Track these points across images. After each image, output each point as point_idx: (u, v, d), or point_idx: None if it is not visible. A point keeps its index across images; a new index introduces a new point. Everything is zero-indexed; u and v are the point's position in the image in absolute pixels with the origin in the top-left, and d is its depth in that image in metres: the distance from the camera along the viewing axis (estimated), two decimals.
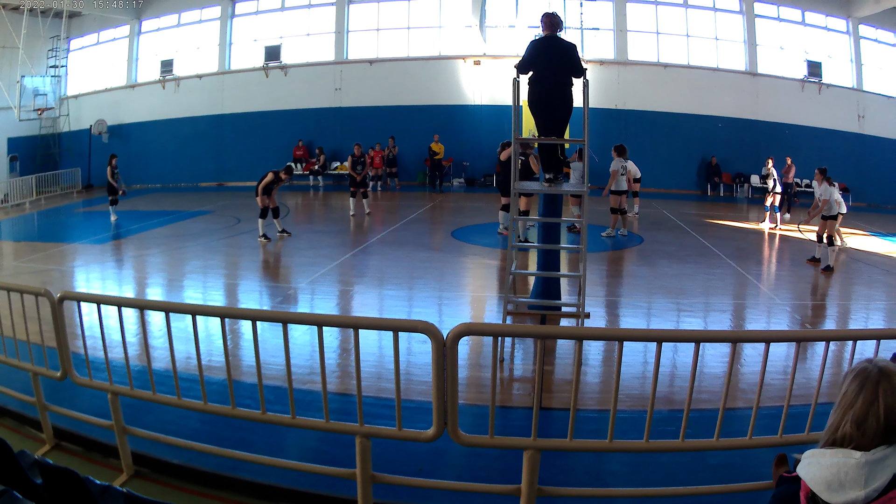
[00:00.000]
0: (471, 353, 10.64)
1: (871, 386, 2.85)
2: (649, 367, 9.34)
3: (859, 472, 2.76)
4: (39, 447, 7.14)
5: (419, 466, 6.88)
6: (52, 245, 20.35)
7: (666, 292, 15.08)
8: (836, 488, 2.78)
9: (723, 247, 20.17)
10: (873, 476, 2.75)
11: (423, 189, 33.84)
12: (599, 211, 22.94)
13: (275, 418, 5.86)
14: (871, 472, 2.75)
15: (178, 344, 6.22)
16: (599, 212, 22.91)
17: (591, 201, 20.45)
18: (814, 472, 2.86)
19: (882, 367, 2.91)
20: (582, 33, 33.43)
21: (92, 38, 38.94)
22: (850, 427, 2.84)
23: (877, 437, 2.81)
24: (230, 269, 17.93)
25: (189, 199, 30.94)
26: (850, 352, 5.46)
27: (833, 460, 2.83)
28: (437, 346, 5.00)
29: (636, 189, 25.44)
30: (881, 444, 2.80)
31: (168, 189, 35.34)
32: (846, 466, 2.78)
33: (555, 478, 6.45)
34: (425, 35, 35.96)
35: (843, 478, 2.77)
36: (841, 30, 34.51)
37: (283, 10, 36.71)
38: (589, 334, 8.78)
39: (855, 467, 2.76)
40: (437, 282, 15.95)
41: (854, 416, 2.84)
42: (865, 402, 2.84)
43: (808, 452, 2.98)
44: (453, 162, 35.19)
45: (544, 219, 12.33)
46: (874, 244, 22.10)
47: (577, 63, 10.59)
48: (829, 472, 2.81)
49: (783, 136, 33.54)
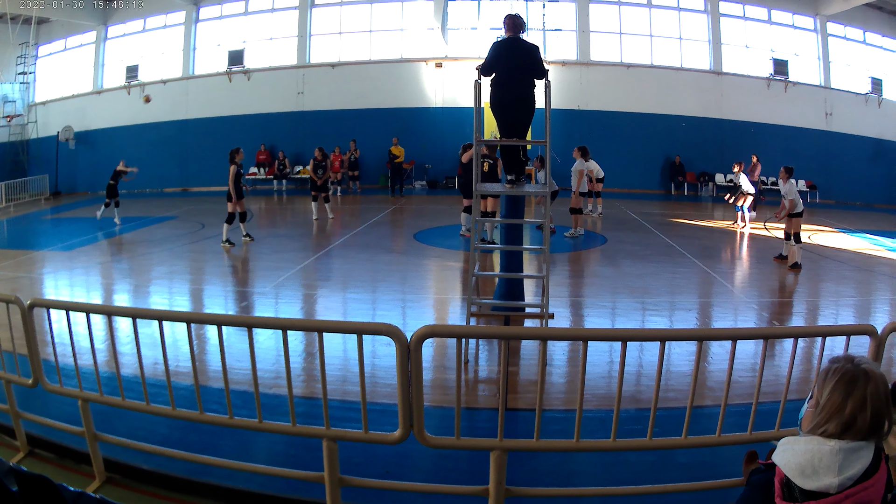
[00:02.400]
0: (435, 355, 10.64)
1: (860, 391, 2.87)
2: (615, 367, 9.37)
3: (833, 458, 2.79)
4: (14, 454, 7.10)
5: (386, 469, 6.88)
6: (22, 252, 20.12)
7: (630, 292, 15.16)
8: (809, 474, 2.81)
9: (687, 246, 20.29)
10: (848, 464, 2.79)
11: (385, 192, 33.77)
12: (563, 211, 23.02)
13: (242, 423, 5.86)
14: (845, 460, 2.79)
15: (146, 350, 6.21)
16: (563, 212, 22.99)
17: (558, 202, 20.61)
18: (788, 458, 2.89)
19: (867, 369, 2.93)
20: (544, 34, 33.55)
21: (59, 45, 38.66)
22: (835, 429, 2.87)
23: (859, 436, 2.85)
24: (195, 274, 17.84)
25: (154, 204, 30.78)
26: (819, 348, 5.52)
27: (808, 447, 2.87)
28: (401, 348, 5.02)
29: (598, 189, 25.61)
30: (862, 441, 2.84)
31: (134, 195, 35.04)
32: (820, 453, 2.82)
33: (523, 478, 6.50)
34: (387, 38, 35.98)
35: (817, 464, 2.80)
36: (808, 28, 34.91)
37: (246, 15, 36.56)
38: (553, 334, 8.86)
39: (829, 454, 2.80)
40: (400, 284, 15.94)
41: (842, 420, 2.86)
42: (854, 407, 2.85)
43: (784, 440, 3.01)
44: (415, 164, 35.19)
45: (507, 220, 12.35)
46: (842, 241, 22.37)
47: (540, 64, 10.60)
48: (804, 458, 2.84)
49: (749, 134, 33.90)
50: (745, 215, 24.30)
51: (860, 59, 35.18)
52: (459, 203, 21.48)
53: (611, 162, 31.59)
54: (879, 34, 35.14)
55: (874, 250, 20.97)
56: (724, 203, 27.45)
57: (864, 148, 34.34)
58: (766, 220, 24.68)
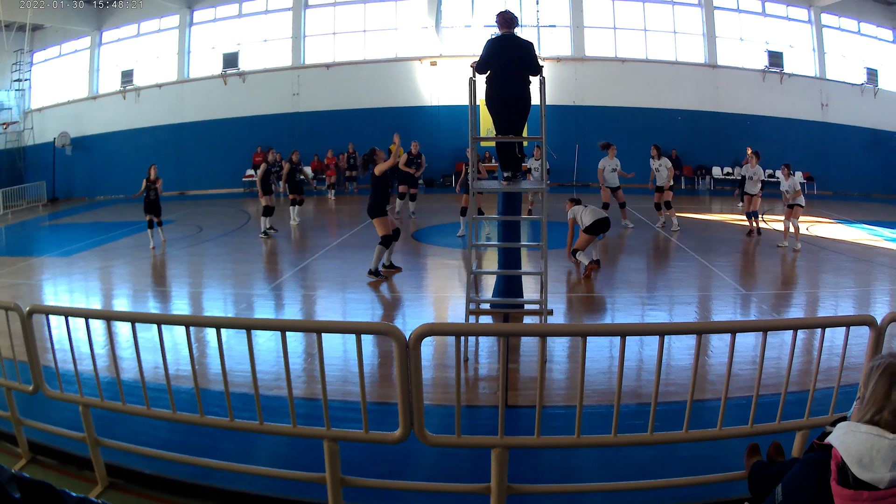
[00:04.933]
0: (435, 353, 10.64)
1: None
2: (615, 362, 9.37)
3: (890, 453, 2.78)
4: (16, 461, 7.10)
5: (388, 468, 6.89)
6: (21, 259, 20.18)
7: (629, 286, 15.17)
8: (866, 464, 2.79)
9: (685, 239, 20.29)
10: None
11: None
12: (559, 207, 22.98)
13: (243, 425, 5.84)
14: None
15: (146, 354, 6.19)
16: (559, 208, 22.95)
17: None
18: (848, 443, 2.88)
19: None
20: (538, 31, 33.55)
21: (54, 51, 38.85)
22: (889, 416, 2.88)
23: None
24: (194, 277, 17.83)
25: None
26: (819, 339, 5.50)
27: (868, 436, 2.86)
28: (400, 347, 5.01)
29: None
30: None
31: (131, 200, 35.07)
32: (879, 445, 2.81)
33: (524, 475, 6.51)
34: (382, 37, 36.08)
35: (875, 455, 2.79)
36: (803, 19, 35.02)
37: (240, 17, 36.62)
38: (552, 331, 8.83)
39: (888, 448, 2.79)
40: (399, 283, 15.90)
41: (892, 409, 2.87)
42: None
43: (844, 424, 3.00)
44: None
45: (504, 216, 12.34)
46: (840, 232, 22.37)
47: (534, 61, 10.62)
48: (863, 447, 2.83)
49: (745, 126, 33.92)
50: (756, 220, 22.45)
51: (855, 49, 35.26)
52: (455, 202, 21.47)
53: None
54: (874, 24, 35.21)
55: (872, 241, 20.97)
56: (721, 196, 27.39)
57: (861, 138, 34.41)
58: (763, 212, 24.62)
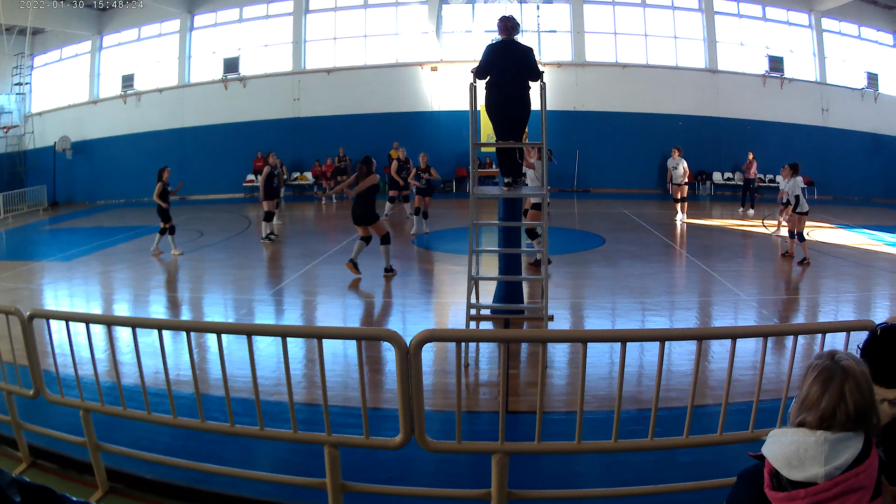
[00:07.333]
0: (435, 359, 10.61)
1: (836, 386, 2.88)
2: (615, 368, 9.36)
3: (819, 449, 2.79)
4: (17, 466, 7.11)
5: (388, 474, 6.89)
6: (21, 263, 20.20)
7: (630, 292, 15.14)
8: (796, 465, 2.81)
9: (686, 245, 20.27)
10: (834, 454, 2.78)
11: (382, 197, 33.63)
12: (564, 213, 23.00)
13: (243, 430, 5.85)
14: (831, 450, 2.79)
15: (146, 359, 6.22)
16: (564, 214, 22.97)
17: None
18: (775, 450, 2.90)
19: (845, 365, 2.93)
20: (539, 36, 33.62)
21: (55, 55, 38.82)
22: (813, 420, 2.87)
23: (845, 427, 2.84)
24: (195, 282, 17.84)
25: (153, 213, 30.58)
26: (820, 345, 5.50)
27: (793, 438, 2.87)
28: (400, 353, 5.02)
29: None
30: (848, 431, 2.84)
31: (132, 204, 35.11)
32: (806, 444, 2.82)
33: (525, 481, 6.51)
34: (382, 43, 36.08)
35: (803, 455, 2.80)
36: (803, 24, 35.00)
37: (241, 22, 36.64)
38: (553, 337, 8.83)
39: (815, 445, 2.80)
40: (399, 289, 15.92)
41: (819, 414, 2.87)
42: (831, 401, 2.86)
43: (773, 432, 3.02)
44: None
45: (505, 223, 12.34)
46: (841, 236, 22.36)
47: (534, 66, 10.62)
48: (790, 449, 2.84)
49: (745, 131, 33.97)
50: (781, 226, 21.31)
51: (855, 54, 35.25)
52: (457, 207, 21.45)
53: (608, 162, 31.81)
54: (874, 28, 35.21)
55: (873, 245, 20.96)
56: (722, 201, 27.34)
57: (862, 143, 34.41)
58: (763, 217, 24.64)
